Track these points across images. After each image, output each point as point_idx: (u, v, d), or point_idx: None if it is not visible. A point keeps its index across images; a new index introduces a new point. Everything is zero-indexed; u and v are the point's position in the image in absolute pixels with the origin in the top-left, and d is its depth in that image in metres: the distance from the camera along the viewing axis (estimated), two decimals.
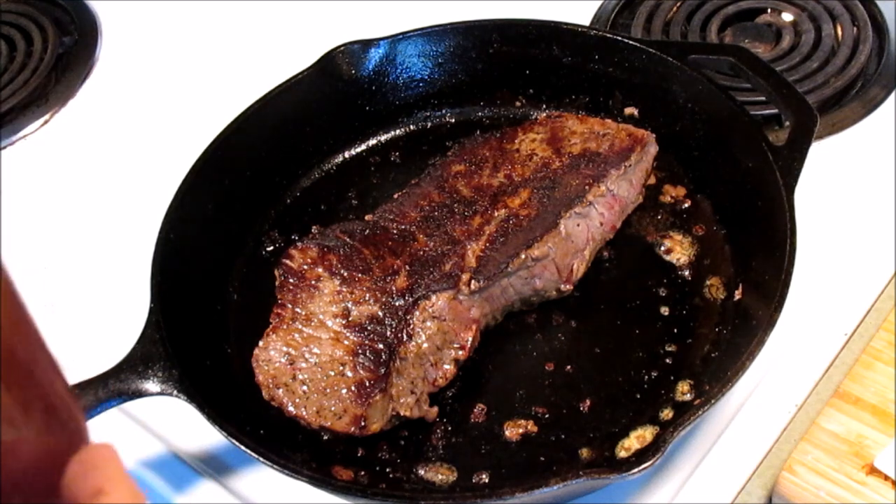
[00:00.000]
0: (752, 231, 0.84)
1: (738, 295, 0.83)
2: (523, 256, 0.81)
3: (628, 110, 0.97)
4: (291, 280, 0.80)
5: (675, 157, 0.94)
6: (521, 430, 0.78)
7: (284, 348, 0.76)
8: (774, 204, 0.79)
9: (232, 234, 0.92)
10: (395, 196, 0.88)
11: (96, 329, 0.91)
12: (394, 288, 0.78)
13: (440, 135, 1.00)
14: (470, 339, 0.79)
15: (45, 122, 1.14)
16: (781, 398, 0.80)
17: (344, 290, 0.79)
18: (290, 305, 0.78)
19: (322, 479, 0.70)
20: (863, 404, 0.78)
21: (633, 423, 0.77)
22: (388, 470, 0.76)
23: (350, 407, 0.73)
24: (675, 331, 0.82)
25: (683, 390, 0.78)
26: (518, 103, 1.01)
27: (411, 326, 0.77)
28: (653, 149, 0.90)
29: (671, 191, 0.93)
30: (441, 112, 1.01)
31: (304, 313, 0.78)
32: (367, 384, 0.73)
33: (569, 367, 0.81)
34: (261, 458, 0.68)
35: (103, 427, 0.81)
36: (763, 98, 0.95)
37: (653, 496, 0.76)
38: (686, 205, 0.92)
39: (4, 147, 1.12)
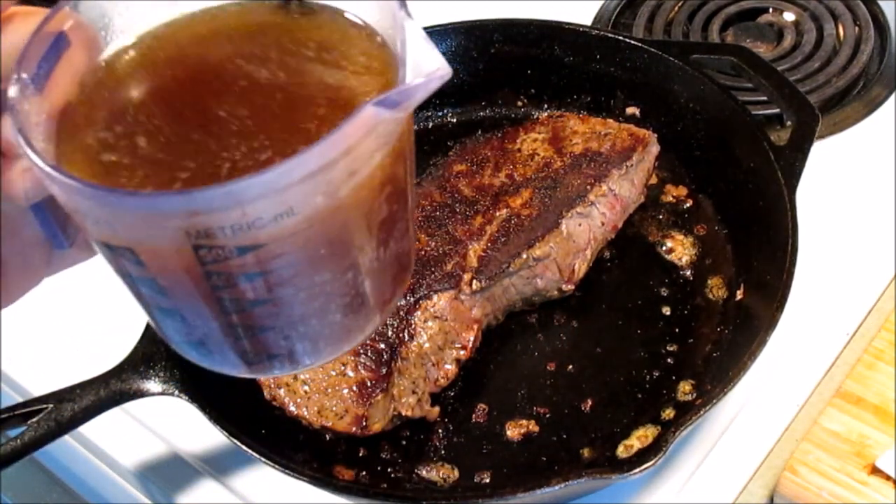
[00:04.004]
0: (754, 231, 0.84)
1: (739, 295, 0.83)
2: (525, 256, 0.81)
3: (630, 110, 0.97)
4: None
5: (677, 157, 0.94)
6: (522, 430, 0.78)
7: None
8: (776, 204, 0.79)
9: None
10: None
11: (97, 329, 0.91)
12: None
13: (441, 134, 1.00)
14: (471, 338, 0.79)
15: None
16: (783, 398, 0.80)
17: None
18: None
19: (323, 479, 0.71)
20: (864, 404, 0.78)
21: (635, 423, 0.77)
22: (389, 470, 0.76)
23: (351, 407, 0.73)
24: (677, 330, 0.82)
25: (685, 390, 0.78)
26: (519, 103, 1.01)
27: (413, 326, 0.77)
28: (654, 148, 0.89)
29: (673, 190, 0.93)
30: (442, 112, 1.01)
31: None
32: (369, 384, 0.73)
33: (570, 366, 0.81)
34: (262, 459, 0.69)
35: (105, 427, 0.82)
36: (765, 98, 0.95)
37: (654, 496, 0.76)
38: (687, 204, 0.92)
39: None
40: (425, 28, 0.97)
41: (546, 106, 1.01)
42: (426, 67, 0.36)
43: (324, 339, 0.43)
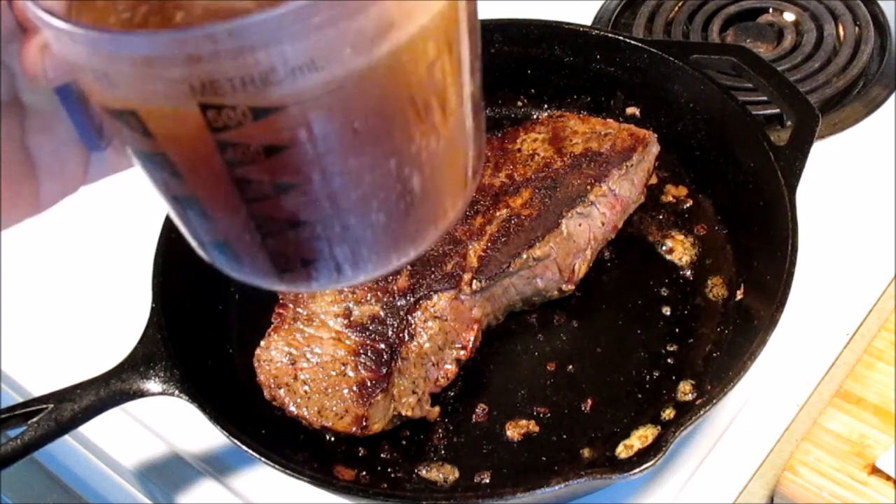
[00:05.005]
0: (754, 231, 0.84)
1: (739, 295, 0.83)
2: (525, 256, 0.81)
3: (630, 110, 0.97)
4: None
5: (677, 157, 0.94)
6: (522, 430, 0.78)
7: (286, 348, 0.76)
8: (776, 204, 0.79)
9: None
10: None
11: (98, 329, 0.91)
12: (395, 288, 0.78)
13: None
14: (471, 338, 0.79)
15: None
16: (783, 398, 0.80)
17: (345, 289, 0.79)
18: (291, 305, 0.78)
19: (323, 479, 0.70)
20: (865, 404, 0.78)
21: (635, 423, 0.77)
22: (389, 470, 0.76)
23: (352, 407, 0.73)
24: (677, 331, 0.82)
25: (685, 390, 0.78)
26: (519, 103, 1.01)
27: (413, 326, 0.77)
28: (654, 148, 0.89)
29: (673, 190, 0.93)
30: None
31: (305, 313, 0.78)
32: (369, 384, 0.73)
33: (570, 366, 0.81)
34: (262, 459, 0.69)
35: (105, 427, 0.82)
36: (765, 98, 0.95)
37: (654, 496, 0.76)
38: (688, 205, 0.92)
39: None
40: None
41: (546, 106, 1.01)
42: None
43: (367, 245, 0.37)
